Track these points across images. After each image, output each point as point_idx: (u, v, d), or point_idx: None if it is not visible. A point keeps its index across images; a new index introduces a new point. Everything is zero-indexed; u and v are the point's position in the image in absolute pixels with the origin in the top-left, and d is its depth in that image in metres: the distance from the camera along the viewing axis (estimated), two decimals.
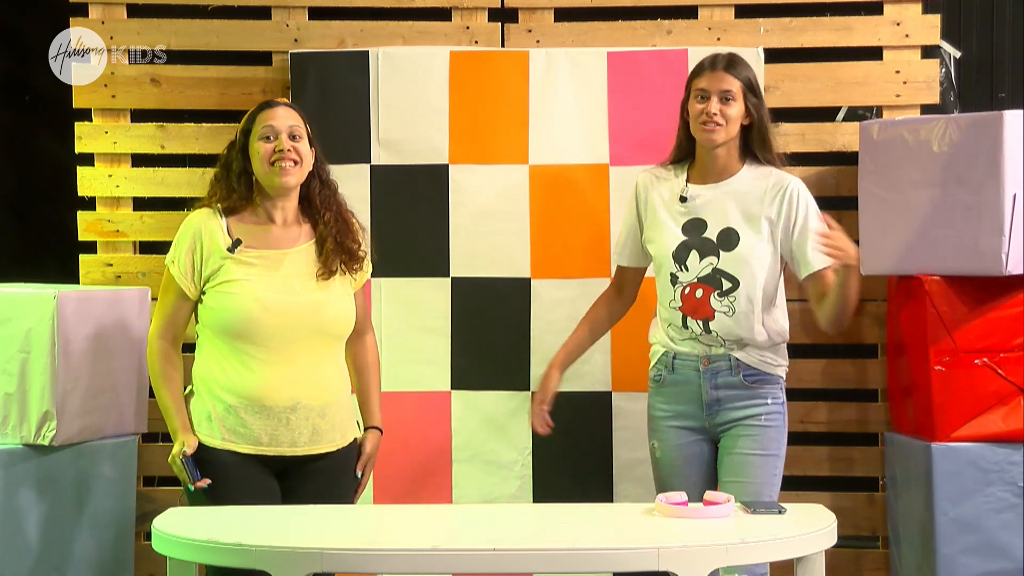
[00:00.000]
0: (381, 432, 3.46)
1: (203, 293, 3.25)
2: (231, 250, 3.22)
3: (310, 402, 3.25)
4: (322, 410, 3.26)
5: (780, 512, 2.99)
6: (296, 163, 3.27)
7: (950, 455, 3.85)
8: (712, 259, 3.41)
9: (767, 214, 3.42)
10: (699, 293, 3.42)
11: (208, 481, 3.17)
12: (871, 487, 4.32)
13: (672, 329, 3.47)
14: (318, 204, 3.35)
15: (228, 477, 3.19)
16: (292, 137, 3.28)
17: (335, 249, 3.32)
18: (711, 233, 3.42)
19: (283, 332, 3.21)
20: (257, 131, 3.29)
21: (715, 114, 3.37)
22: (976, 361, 3.85)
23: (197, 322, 3.31)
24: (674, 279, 3.44)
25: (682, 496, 3.04)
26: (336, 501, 3.26)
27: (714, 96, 3.38)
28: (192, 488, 3.18)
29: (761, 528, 2.87)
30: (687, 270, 3.43)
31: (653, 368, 3.55)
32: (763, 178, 3.45)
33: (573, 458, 4.14)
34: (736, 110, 3.40)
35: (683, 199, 3.46)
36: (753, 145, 3.45)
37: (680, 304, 3.44)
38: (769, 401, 3.44)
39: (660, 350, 3.51)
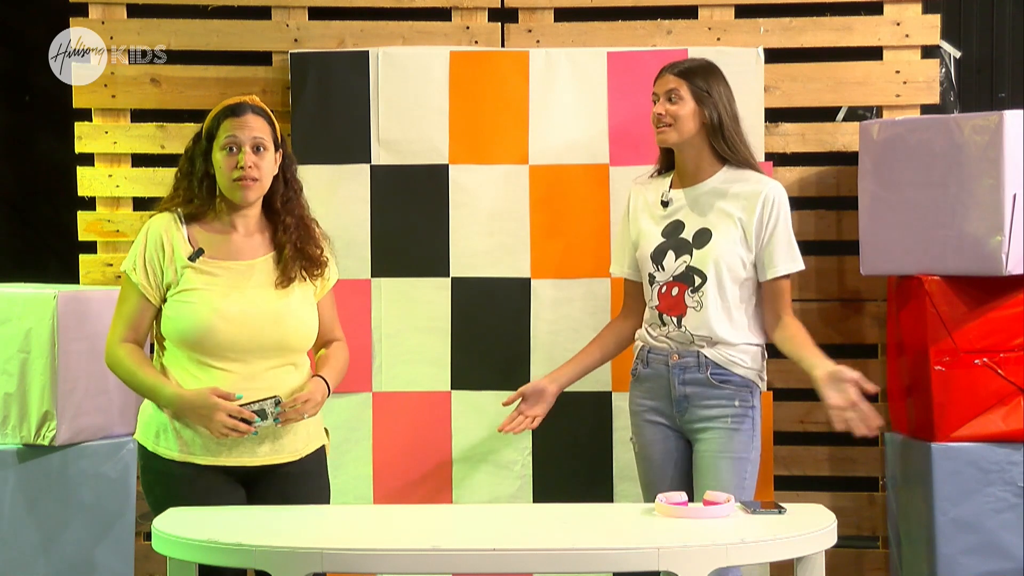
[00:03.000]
0: (328, 386, 3.25)
1: (163, 301, 3.17)
2: (192, 259, 3.15)
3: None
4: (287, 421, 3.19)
5: (780, 512, 2.99)
6: (256, 180, 3.18)
7: (950, 455, 3.85)
8: (686, 257, 3.47)
9: (741, 217, 3.44)
10: (675, 291, 3.48)
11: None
12: (871, 487, 4.33)
13: (651, 327, 3.53)
14: (279, 207, 3.26)
15: (190, 489, 3.12)
16: (256, 149, 3.18)
17: (294, 255, 3.23)
18: (688, 233, 3.48)
19: (242, 343, 3.14)
20: (221, 139, 3.17)
21: (662, 114, 3.46)
22: (976, 361, 3.85)
23: (154, 332, 3.23)
24: (652, 279, 3.50)
25: (682, 496, 3.05)
26: (303, 503, 3.20)
27: (661, 97, 3.47)
28: (259, 427, 3.06)
29: (761, 528, 2.87)
30: (663, 270, 3.49)
31: (633, 363, 3.60)
32: (740, 182, 3.47)
33: (573, 458, 4.14)
34: (685, 109, 3.44)
35: (664, 203, 3.53)
36: (715, 146, 3.47)
37: (658, 303, 3.49)
38: (736, 403, 3.45)
39: (639, 345, 3.58)
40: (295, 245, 3.25)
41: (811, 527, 2.89)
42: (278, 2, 4.28)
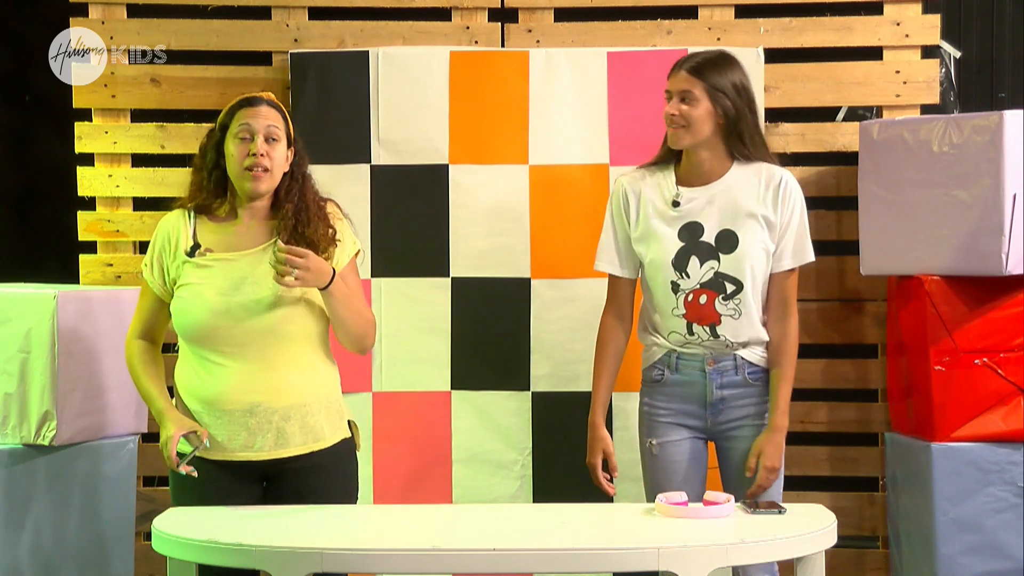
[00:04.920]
0: (333, 275, 3.13)
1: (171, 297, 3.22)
2: (190, 254, 3.17)
3: (270, 405, 3.13)
4: (285, 413, 3.15)
5: (780, 512, 2.99)
6: (267, 170, 3.16)
7: (950, 455, 3.85)
8: (713, 263, 3.34)
9: (763, 212, 3.35)
10: (703, 299, 3.35)
11: (192, 470, 3.06)
12: (871, 487, 4.33)
13: (675, 336, 3.40)
14: (282, 197, 3.24)
15: (200, 484, 3.11)
16: (269, 139, 3.17)
17: (291, 241, 3.16)
18: (708, 236, 3.35)
19: (234, 335, 3.12)
20: (234, 129, 3.18)
21: (674, 115, 3.32)
22: (976, 361, 3.85)
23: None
24: (675, 287, 3.36)
25: (682, 496, 3.05)
26: (321, 499, 3.18)
27: (675, 97, 3.33)
28: (176, 470, 3.07)
29: (761, 528, 2.87)
30: (688, 277, 3.35)
31: (652, 367, 3.46)
32: (754, 176, 3.36)
33: (573, 458, 4.11)
34: (699, 111, 3.30)
35: (675, 203, 3.38)
36: (730, 143, 3.35)
37: (684, 312, 3.37)
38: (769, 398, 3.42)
39: (660, 351, 3.44)
40: (293, 231, 3.19)
41: (811, 527, 2.89)
42: (278, 2, 4.28)
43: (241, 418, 3.13)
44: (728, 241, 3.34)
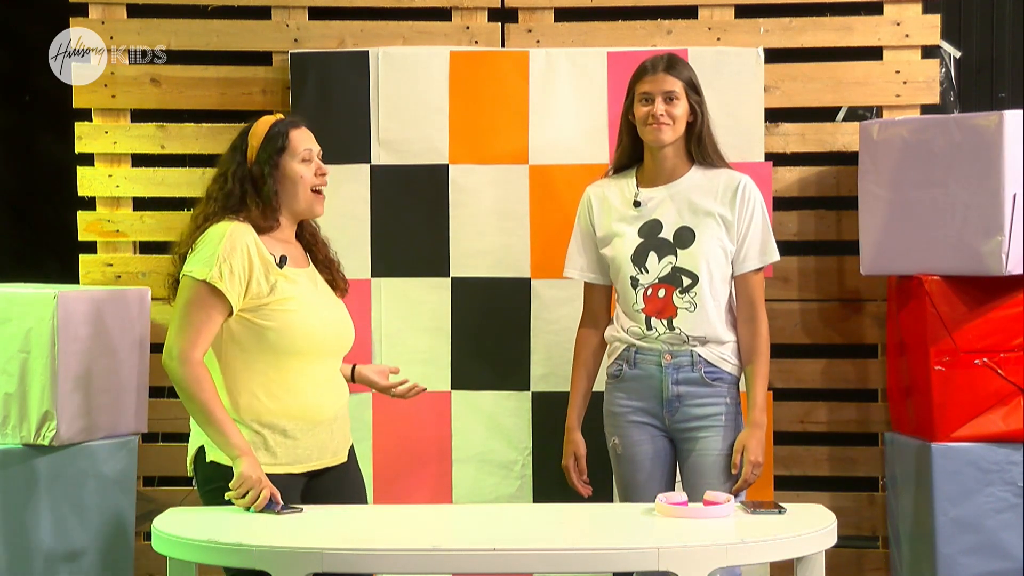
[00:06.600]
0: None
1: (243, 311, 3.10)
2: (280, 266, 3.14)
3: (343, 411, 3.27)
4: (346, 418, 3.30)
5: (780, 512, 3.00)
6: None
7: (950, 455, 3.85)
8: (671, 258, 3.44)
9: (720, 212, 3.44)
10: (661, 293, 3.44)
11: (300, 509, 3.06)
12: (871, 487, 4.33)
13: (635, 330, 3.47)
14: (304, 222, 3.32)
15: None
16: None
17: (328, 263, 3.34)
18: (667, 233, 3.45)
19: (333, 346, 3.23)
20: (297, 151, 3.20)
21: (661, 115, 3.41)
22: (976, 361, 3.85)
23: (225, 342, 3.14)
24: (635, 282, 3.46)
25: (682, 496, 3.05)
26: (360, 492, 3.31)
27: (658, 97, 3.42)
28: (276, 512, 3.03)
29: (761, 528, 2.88)
30: (647, 271, 3.45)
31: (613, 364, 3.55)
32: (714, 177, 3.47)
33: None
34: (681, 109, 3.43)
35: (636, 203, 3.49)
36: (690, 144, 3.47)
37: (643, 306, 3.45)
38: (728, 400, 3.45)
39: (620, 346, 3.52)
40: (325, 254, 3.35)
41: (811, 527, 2.89)
42: (278, 2, 4.28)
43: (329, 425, 3.22)
44: (686, 237, 3.44)
